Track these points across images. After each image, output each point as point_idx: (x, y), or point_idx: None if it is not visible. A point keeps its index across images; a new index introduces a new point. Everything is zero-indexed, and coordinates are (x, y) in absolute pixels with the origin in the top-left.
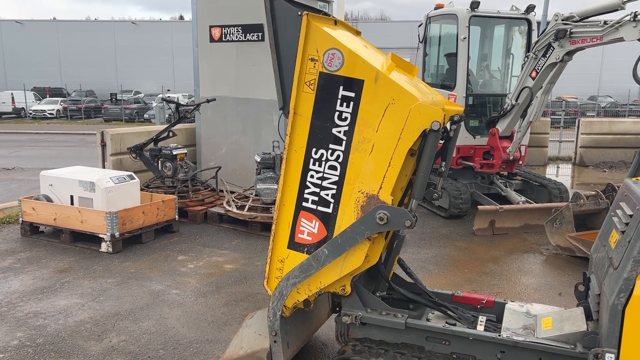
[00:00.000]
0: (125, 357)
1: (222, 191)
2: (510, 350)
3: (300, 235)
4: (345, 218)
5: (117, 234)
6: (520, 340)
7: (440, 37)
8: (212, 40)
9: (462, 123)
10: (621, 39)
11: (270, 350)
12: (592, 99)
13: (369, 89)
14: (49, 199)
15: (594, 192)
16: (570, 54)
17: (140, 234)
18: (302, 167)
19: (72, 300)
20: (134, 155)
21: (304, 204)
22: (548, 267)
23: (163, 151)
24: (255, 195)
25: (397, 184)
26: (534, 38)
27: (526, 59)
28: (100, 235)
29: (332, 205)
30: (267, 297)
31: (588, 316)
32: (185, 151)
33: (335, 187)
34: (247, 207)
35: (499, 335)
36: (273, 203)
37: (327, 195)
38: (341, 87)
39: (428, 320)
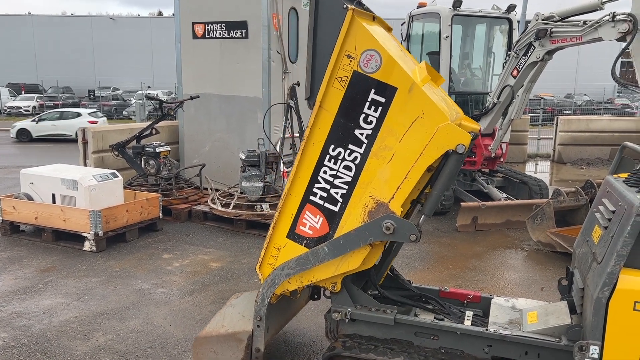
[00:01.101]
0: (112, 356)
1: (206, 189)
2: (497, 344)
3: (301, 228)
4: (351, 219)
5: (100, 233)
6: (507, 334)
7: (422, 35)
8: (195, 37)
9: None
10: (600, 39)
11: (252, 334)
12: (569, 97)
13: (400, 97)
14: (29, 198)
15: (573, 189)
16: (550, 53)
17: (124, 232)
18: (316, 161)
19: (56, 299)
20: (116, 153)
21: (312, 197)
22: (530, 263)
23: (146, 149)
24: (240, 193)
25: (409, 196)
26: (515, 37)
27: (508, 57)
28: (83, 234)
29: (339, 204)
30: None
31: (572, 310)
32: (169, 149)
33: (346, 187)
34: (232, 204)
35: (487, 330)
36: (258, 201)
37: (337, 193)
38: (373, 90)
39: (416, 315)
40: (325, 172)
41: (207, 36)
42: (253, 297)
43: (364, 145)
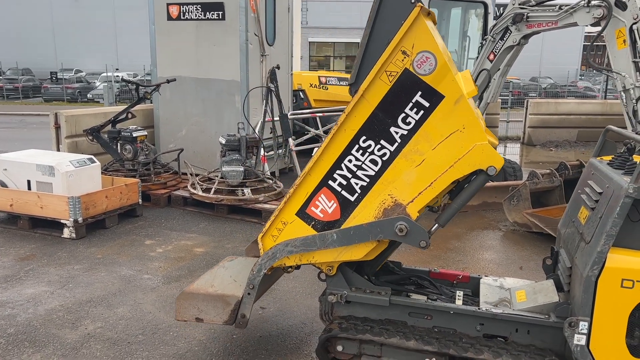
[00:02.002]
0: (103, 343)
1: (184, 174)
2: (489, 322)
3: (313, 209)
4: (364, 212)
5: (80, 220)
6: (499, 313)
7: None
8: (169, 18)
9: None
10: (575, 24)
11: (241, 300)
12: (534, 80)
13: (445, 106)
14: (3, 184)
15: (548, 171)
16: (526, 37)
17: (104, 218)
18: (344, 148)
19: (39, 288)
20: (90, 138)
21: (330, 182)
22: (507, 243)
23: (122, 133)
24: (221, 177)
25: (428, 203)
26: (490, 21)
27: (484, 41)
28: (62, 221)
29: (356, 195)
30: None
31: (558, 288)
32: (146, 133)
33: (367, 180)
34: (212, 189)
35: (479, 309)
36: (239, 185)
37: (357, 184)
38: (419, 93)
39: (408, 296)
40: (350, 161)
41: (182, 17)
42: (246, 263)
43: (396, 144)
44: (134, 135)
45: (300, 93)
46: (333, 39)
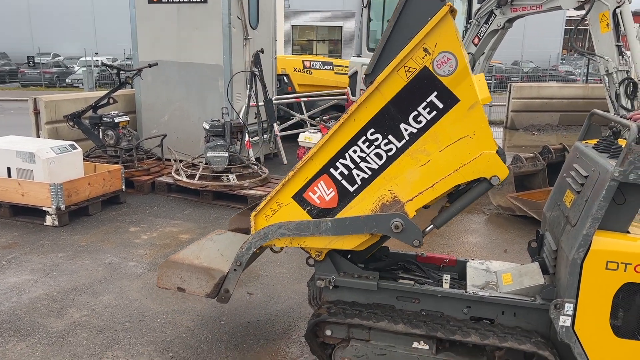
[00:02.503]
0: (90, 331)
1: (168, 160)
2: (476, 305)
3: (310, 194)
4: (362, 204)
5: (63, 207)
6: (486, 296)
7: (384, 1)
8: (150, 1)
9: None
10: (559, 7)
11: (226, 275)
12: (516, 64)
13: (459, 110)
14: None
15: (532, 155)
16: (511, 21)
17: (87, 206)
18: (351, 137)
19: (22, 276)
20: (71, 124)
21: (332, 170)
22: (491, 226)
23: (104, 119)
24: (205, 163)
25: (427, 203)
26: (475, 5)
27: (468, 25)
28: (44, 209)
29: (356, 186)
30: None
31: (543, 270)
32: (128, 119)
33: (369, 173)
34: (197, 176)
35: (466, 292)
36: (224, 171)
37: (358, 175)
38: (435, 93)
39: (396, 280)
40: (355, 152)
41: (163, 0)
42: (235, 239)
43: (404, 141)
44: (116, 120)
45: (284, 77)
46: (316, 22)
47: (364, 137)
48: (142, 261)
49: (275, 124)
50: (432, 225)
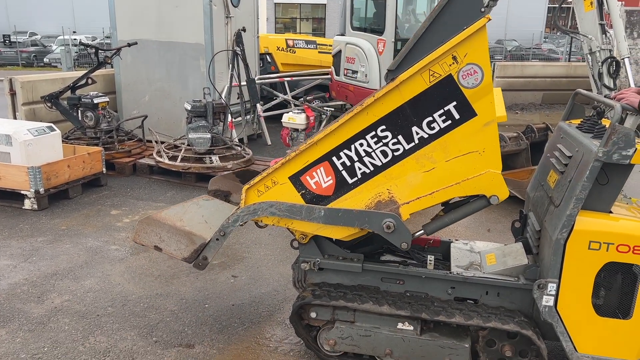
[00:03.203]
0: (72, 317)
1: (149, 141)
2: (460, 285)
3: (308, 178)
4: (357, 198)
5: (41, 190)
6: (470, 276)
7: None
8: None
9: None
10: None
11: (207, 243)
12: (499, 42)
13: (474, 125)
14: None
15: (515, 134)
16: None
17: (67, 189)
18: (360, 130)
19: (1, 262)
20: (49, 105)
21: (334, 158)
22: None
23: (83, 100)
24: (187, 145)
25: (422, 209)
26: None
27: None
28: (22, 192)
29: (355, 179)
30: None
31: (527, 250)
32: (107, 99)
33: (372, 169)
34: (179, 157)
35: (450, 273)
36: (206, 153)
37: (359, 169)
38: (454, 103)
39: (380, 262)
40: (361, 145)
41: None
42: (221, 207)
43: (412, 144)
44: (95, 101)
45: (267, 57)
46: (299, 0)
47: (373, 132)
48: (124, 245)
49: (258, 104)
50: (422, 231)
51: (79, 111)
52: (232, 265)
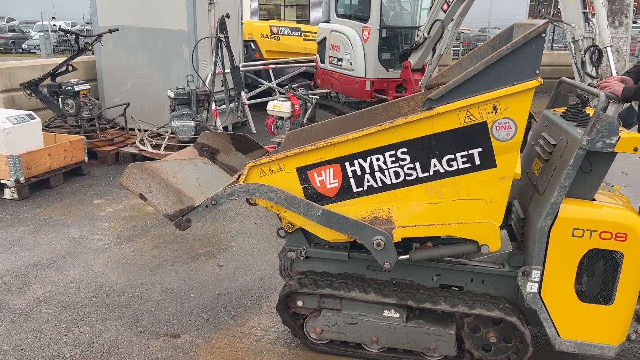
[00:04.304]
0: (55, 308)
1: (132, 130)
2: (445, 272)
3: (315, 174)
4: (357, 208)
5: (22, 179)
6: (455, 264)
7: None
8: None
9: (377, 59)
10: None
11: (195, 208)
12: (483, 30)
13: (491, 175)
14: None
15: None
16: None
17: (48, 178)
18: (381, 146)
19: None
20: (28, 92)
21: (346, 164)
22: None
23: (63, 87)
24: (171, 133)
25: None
26: None
27: None
28: (2, 181)
29: (361, 190)
30: (197, 237)
31: (511, 238)
32: (89, 87)
33: (379, 184)
34: (163, 146)
35: (436, 260)
36: (190, 141)
37: (368, 181)
38: (479, 149)
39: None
40: (378, 160)
41: None
42: (219, 176)
43: (426, 175)
44: (76, 89)
45: (252, 44)
46: None
47: (393, 152)
48: (107, 234)
49: (242, 92)
50: (407, 257)
51: (60, 99)
52: (217, 255)
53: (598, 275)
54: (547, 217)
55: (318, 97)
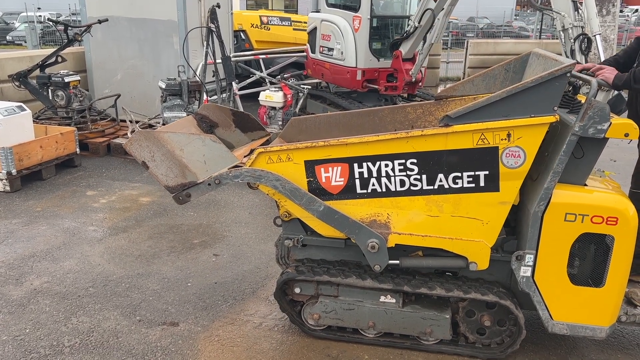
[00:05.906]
0: (52, 298)
1: (123, 121)
2: None
3: (322, 169)
4: (357, 208)
5: (14, 172)
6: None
7: None
8: None
9: (368, 49)
10: None
11: (197, 184)
12: (471, 20)
13: (492, 198)
14: None
15: None
16: None
17: (40, 170)
18: (393, 153)
19: None
20: (17, 84)
21: (355, 164)
22: None
23: (53, 78)
24: (163, 124)
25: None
26: None
27: None
28: None
29: (364, 192)
30: (192, 228)
31: (505, 223)
32: (79, 78)
33: (383, 190)
34: None
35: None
36: None
37: (373, 185)
38: (486, 173)
39: None
40: (386, 166)
41: None
42: (226, 156)
43: (430, 188)
44: (66, 80)
45: (242, 34)
46: None
47: (402, 160)
48: (102, 225)
49: (234, 82)
50: (397, 262)
51: (50, 90)
52: (213, 244)
53: (590, 259)
54: (540, 202)
55: (310, 87)
